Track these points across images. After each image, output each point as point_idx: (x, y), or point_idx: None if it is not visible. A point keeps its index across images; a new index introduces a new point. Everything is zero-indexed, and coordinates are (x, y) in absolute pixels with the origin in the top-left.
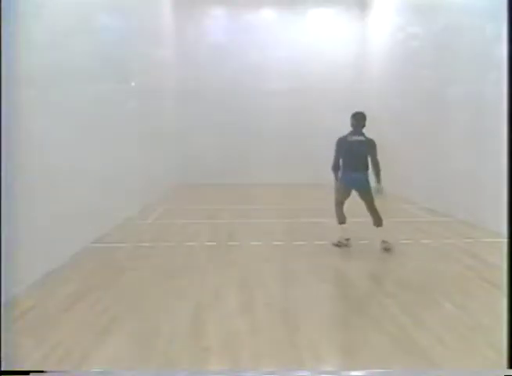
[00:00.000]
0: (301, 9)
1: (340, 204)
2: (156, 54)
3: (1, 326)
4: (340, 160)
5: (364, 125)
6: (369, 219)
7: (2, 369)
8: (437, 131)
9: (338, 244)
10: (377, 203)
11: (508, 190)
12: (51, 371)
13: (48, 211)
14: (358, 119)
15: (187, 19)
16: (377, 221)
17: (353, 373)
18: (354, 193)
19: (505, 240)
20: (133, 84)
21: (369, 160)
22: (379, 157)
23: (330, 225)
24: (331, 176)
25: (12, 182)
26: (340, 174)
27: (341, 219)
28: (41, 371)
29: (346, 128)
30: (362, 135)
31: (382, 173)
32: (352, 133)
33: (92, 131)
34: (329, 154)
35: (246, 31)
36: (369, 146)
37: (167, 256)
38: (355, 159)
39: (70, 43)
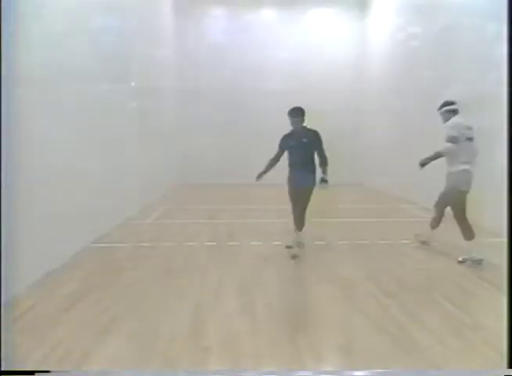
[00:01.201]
0: (301, 9)
1: None
2: (156, 54)
3: (1, 326)
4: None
5: None
6: (367, 219)
7: (2, 369)
8: (437, 132)
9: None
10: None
11: (508, 190)
12: (55, 371)
13: (49, 211)
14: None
15: (187, 19)
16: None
17: (353, 373)
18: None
19: (505, 240)
20: (133, 84)
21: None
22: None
23: (330, 226)
24: (331, 176)
25: (12, 182)
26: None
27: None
28: (46, 371)
29: (347, 127)
30: None
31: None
32: None
33: (92, 131)
34: (329, 154)
35: (246, 31)
36: None
37: (167, 256)
38: None
39: (70, 43)
